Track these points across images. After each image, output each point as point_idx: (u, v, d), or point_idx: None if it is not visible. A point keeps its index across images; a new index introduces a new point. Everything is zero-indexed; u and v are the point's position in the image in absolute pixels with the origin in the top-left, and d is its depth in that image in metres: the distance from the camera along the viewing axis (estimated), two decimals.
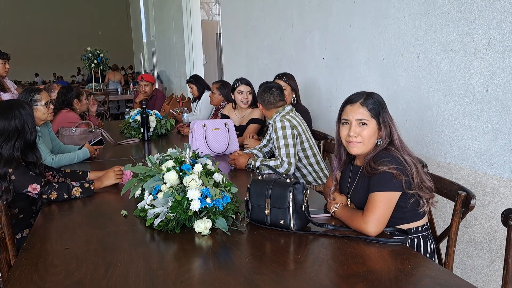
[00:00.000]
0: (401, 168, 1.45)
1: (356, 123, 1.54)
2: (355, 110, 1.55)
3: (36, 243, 1.44)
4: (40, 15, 18.33)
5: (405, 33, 2.33)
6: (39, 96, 2.54)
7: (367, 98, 1.55)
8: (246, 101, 3.23)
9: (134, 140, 3.44)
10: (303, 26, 3.49)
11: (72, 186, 1.90)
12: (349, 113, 1.56)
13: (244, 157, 2.40)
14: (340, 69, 3.03)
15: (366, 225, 1.41)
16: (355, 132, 1.54)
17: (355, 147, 1.55)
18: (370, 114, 1.54)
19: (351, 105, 1.56)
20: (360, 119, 1.54)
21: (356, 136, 1.53)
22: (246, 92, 3.24)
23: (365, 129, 1.54)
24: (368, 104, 1.54)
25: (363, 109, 1.54)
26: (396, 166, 1.45)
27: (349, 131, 1.55)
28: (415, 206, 1.52)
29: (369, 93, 1.57)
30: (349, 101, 1.58)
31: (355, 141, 1.54)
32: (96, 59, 9.07)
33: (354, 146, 1.55)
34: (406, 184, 1.45)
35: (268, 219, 1.50)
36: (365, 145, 1.55)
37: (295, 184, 1.49)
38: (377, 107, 1.54)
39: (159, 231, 1.51)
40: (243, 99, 3.23)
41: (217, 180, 1.66)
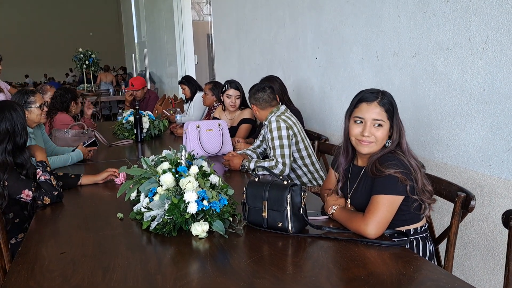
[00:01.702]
0: (407, 173, 1.43)
1: (372, 123, 1.50)
2: (372, 109, 1.49)
3: (31, 247, 1.41)
4: (30, 15, 18.11)
5: (400, 32, 2.32)
6: (34, 98, 2.50)
7: (383, 98, 1.51)
8: (233, 105, 3.25)
9: (127, 141, 3.40)
10: (295, 26, 3.48)
11: (49, 180, 1.84)
12: (365, 112, 1.50)
13: (238, 158, 2.38)
14: (333, 69, 3.02)
15: (366, 227, 1.40)
16: (370, 132, 1.49)
17: (367, 146, 1.51)
18: (386, 116, 1.50)
19: (368, 103, 1.50)
20: (377, 120, 1.49)
21: (370, 136, 1.50)
22: (234, 97, 3.24)
23: (380, 130, 1.50)
24: (385, 104, 1.50)
25: (380, 109, 1.49)
26: (402, 170, 1.43)
27: (363, 130, 1.50)
28: (417, 210, 1.51)
29: (383, 92, 1.53)
30: (364, 98, 1.52)
31: (368, 140, 1.50)
32: (88, 60, 8.97)
33: (366, 146, 1.51)
34: (410, 189, 1.43)
35: (265, 221, 1.48)
36: (377, 145, 1.51)
37: (293, 186, 1.47)
38: (392, 108, 1.51)
39: (155, 234, 1.49)
40: (231, 103, 3.24)
41: (213, 182, 1.64)
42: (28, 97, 2.44)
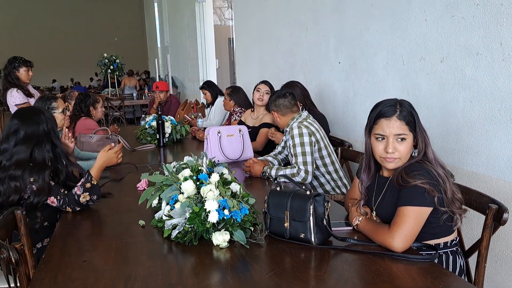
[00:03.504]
0: (435, 183, 1.38)
1: (394, 139, 1.44)
2: (392, 124, 1.43)
3: (54, 254, 1.41)
4: (58, 22, 18.65)
5: (427, 36, 2.26)
6: (56, 104, 2.55)
7: (402, 110, 1.44)
8: (261, 99, 3.25)
9: (150, 146, 3.42)
10: (318, 30, 3.44)
11: (78, 196, 1.82)
12: (385, 128, 1.44)
13: (259, 164, 2.35)
14: (357, 74, 2.96)
15: (392, 240, 1.34)
16: (393, 148, 1.44)
17: (392, 163, 1.46)
18: (408, 128, 1.44)
19: (387, 119, 1.44)
20: (399, 134, 1.44)
21: (394, 152, 1.44)
22: (264, 91, 3.25)
23: (404, 144, 1.44)
24: (405, 116, 1.44)
25: (400, 123, 1.43)
26: (429, 181, 1.37)
27: (386, 147, 1.45)
28: (447, 222, 1.45)
29: (400, 102, 1.47)
30: (382, 114, 1.46)
31: (392, 157, 1.45)
32: (112, 65, 9.15)
33: (392, 162, 1.46)
34: (439, 201, 1.37)
35: (287, 232, 1.45)
36: (402, 160, 1.46)
37: (316, 196, 1.43)
38: (412, 118, 1.45)
39: (176, 243, 1.48)
40: (259, 97, 3.26)
41: (234, 190, 1.62)
42: (50, 103, 2.49)
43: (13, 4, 18.03)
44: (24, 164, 1.77)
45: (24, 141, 1.81)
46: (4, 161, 1.78)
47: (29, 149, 1.80)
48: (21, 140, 1.81)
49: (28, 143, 1.81)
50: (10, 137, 1.82)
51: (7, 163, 1.77)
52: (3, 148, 1.81)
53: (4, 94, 3.84)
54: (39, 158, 1.81)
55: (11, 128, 1.83)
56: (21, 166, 1.77)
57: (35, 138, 1.83)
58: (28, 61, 3.90)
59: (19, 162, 1.77)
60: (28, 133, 1.82)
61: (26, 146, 1.80)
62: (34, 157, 1.80)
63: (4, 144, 1.82)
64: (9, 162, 1.77)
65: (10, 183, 1.74)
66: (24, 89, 3.81)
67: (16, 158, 1.77)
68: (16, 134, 1.82)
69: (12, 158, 1.77)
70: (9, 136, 1.82)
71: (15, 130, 1.83)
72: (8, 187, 1.74)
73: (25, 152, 1.79)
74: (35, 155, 1.81)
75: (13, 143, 1.81)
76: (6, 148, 1.80)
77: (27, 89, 3.87)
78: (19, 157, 1.77)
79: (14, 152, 1.78)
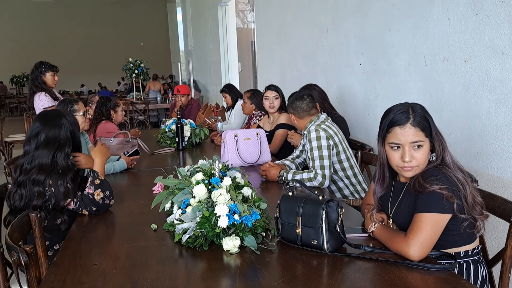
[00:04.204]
0: (453, 189, 1.31)
1: (410, 147, 1.38)
2: (407, 132, 1.37)
3: (66, 257, 1.42)
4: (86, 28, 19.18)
5: (450, 36, 2.18)
6: (77, 107, 2.60)
7: (415, 115, 1.38)
8: (272, 106, 3.23)
9: (169, 150, 3.44)
10: (338, 32, 3.38)
11: (92, 195, 1.84)
12: (400, 136, 1.38)
13: (275, 168, 2.31)
14: (378, 75, 2.89)
15: (408, 248, 1.29)
16: (410, 156, 1.37)
17: (410, 171, 1.40)
18: (424, 134, 1.38)
19: (401, 127, 1.38)
20: (415, 142, 1.37)
21: (411, 160, 1.38)
22: (272, 97, 3.23)
23: (421, 151, 1.38)
24: (419, 122, 1.37)
25: (415, 129, 1.37)
26: (447, 187, 1.31)
27: (402, 156, 1.38)
28: (468, 229, 1.37)
29: (412, 107, 1.41)
30: (395, 122, 1.39)
31: (410, 165, 1.38)
32: (137, 69, 9.31)
33: (410, 171, 1.40)
34: (458, 207, 1.31)
35: (299, 238, 1.41)
36: (420, 167, 1.40)
37: (329, 202, 1.39)
38: (427, 122, 1.39)
39: (187, 248, 1.46)
40: (269, 105, 3.24)
41: (246, 195, 1.59)
42: (72, 106, 2.54)
43: (43, 11, 18.67)
44: (47, 169, 1.79)
45: (46, 145, 1.82)
46: (25, 164, 1.80)
47: (50, 153, 1.81)
48: (42, 143, 1.82)
49: (49, 147, 1.82)
50: (32, 140, 1.84)
51: (28, 166, 1.79)
52: (24, 151, 1.84)
53: (31, 98, 3.95)
54: (61, 163, 1.82)
55: (33, 131, 1.85)
56: (44, 171, 1.78)
57: (57, 142, 1.84)
58: (54, 66, 4.00)
59: (42, 166, 1.79)
60: (50, 137, 1.83)
61: (47, 150, 1.81)
62: (56, 161, 1.82)
63: (25, 147, 1.85)
64: (30, 166, 1.79)
65: (34, 187, 1.76)
66: (51, 92, 3.92)
67: (38, 162, 1.79)
68: (37, 137, 1.83)
69: (33, 161, 1.79)
70: (31, 139, 1.84)
71: (36, 133, 1.84)
72: (30, 190, 1.77)
73: (47, 157, 1.80)
74: (57, 160, 1.82)
75: (34, 146, 1.82)
76: (28, 151, 1.82)
77: (54, 92, 3.97)
78: (41, 161, 1.79)
79: (36, 155, 1.80)
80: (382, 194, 1.52)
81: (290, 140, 2.82)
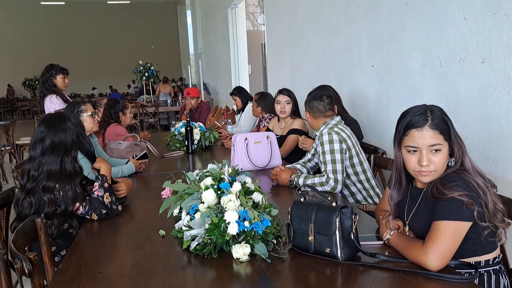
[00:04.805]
0: (474, 196, 1.25)
1: (428, 150, 1.32)
2: (425, 135, 1.32)
3: (72, 264, 1.39)
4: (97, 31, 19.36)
5: (467, 36, 2.11)
6: (85, 107, 2.58)
7: (434, 117, 1.32)
8: (283, 111, 3.16)
9: (178, 153, 3.41)
10: (350, 33, 3.32)
11: (101, 197, 1.82)
12: (418, 140, 1.32)
13: (286, 172, 2.26)
14: (391, 77, 2.83)
15: (426, 258, 1.23)
16: (428, 161, 1.32)
17: (428, 176, 1.34)
18: (443, 137, 1.32)
19: (418, 129, 1.32)
20: (433, 145, 1.32)
21: (429, 164, 1.32)
22: (284, 102, 3.16)
23: (439, 154, 1.32)
24: (438, 124, 1.32)
25: (434, 132, 1.31)
26: (467, 193, 1.25)
27: (419, 159, 1.33)
28: (489, 238, 1.31)
29: (431, 109, 1.35)
30: (412, 124, 1.34)
31: (427, 170, 1.33)
32: (147, 72, 9.33)
33: (427, 176, 1.34)
34: (479, 215, 1.25)
35: (312, 246, 1.36)
36: (438, 172, 1.34)
37: (342, 208, 1.33)
38: (446, 125, 1.33)
39: (195, 255, 1.42)
40: (280, 109, 3.18)
41: (256, 201, 1.54)
42: (79, 106, 2.53)
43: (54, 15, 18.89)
44: (56, 175, 1.76)
45: (52, 151, 1.79)
46: (32, 171, 1.77)
47: (58, 159, 1.78)
48: (48, 149, 1.79)
49: (56, 153, 1.79)
50: (37, 145, 1.81)
51: (35, 173, 1.76)
52: (30, 156, 1.82)
53: (41, 100, 3.94)
54: (69, 168, 1.80)
55: (38, 136, 1.82)
56: (54, 178, 1.76)
57: (63, 147, 1.81)
58: (64, 68, 4.00)
59: (51, 173, 1.76)
60: (55, 142, 1.81)
61: (54, 156, 1.78)
62: (64, 167, 1.79)
63: (31, 152, 1.82)
64: (38, 172, 1.76)
65: (44, 195, 1.74)
66: (62, 95, 3.92)
67: (46, 169, 1.76)
68: (42, 142, 1.80)
69: (41, 168, 1.76)
70: (36, 144, 1.81)
71: (41, 138, 1.81)
72: (40, 197, 1.74)
73: (55, 163, 1.77)
74: (65, 165, 1.80)
75: (40, 151, 1.79)
76: (34, 156, 1.80)
77: (64, 95, 3.97)
78: (50, 168, 1.76)
79: (44, 162, 1.77)
80: (398, 200, 1.46)
81: (302, 146, 2.77)
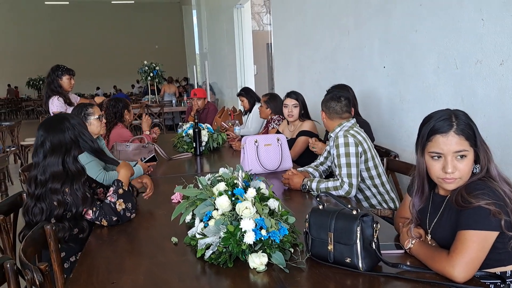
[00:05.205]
0: (501, 204, 1.20)
1: (453, 157, 1.28)
2: (450, 141, 1.27)
3: (83, 273, 1.35)
4: (101, 31, 19.36)
5: (484, 37, 2.06)
6: (92, 110, 2.54)
7: (459, 122, 1.28)
8: (291, 115, 3.12)
9: (186, 155, 3.36)
10: (361, 33, 3.27)
11: (114, 203, 1.79)
12: (443, 145, 1.28)
13: (298, 176, 2.21)
14: (403, 79, 2.77)
15: (452, 269, 1.18)
16: (453, 167, 1.27)
17: (452, 183, 1.29)
18: (468, 143, 1.27)
19: (443, 135, 1.28)
20: (458, 151, 1.27)
21: (454, 171, 1.27)
22: (291, 106, 3.11)
23: (464, 161, 1.27)
24: (463, 130, 1.27)
25: (459, 138, 1.27)
26: (494, 201, 1.20)
27: (444, 166, 1.28)
28: None
29: (456, 114, 1.30)
30: (437, 129, 1.29)
31: (452, 177, 1.28)
32: (152, 72, 9.30)
33: (452, 183, 1.29)
34: (506, 224, 1.20)
35: (331, 255, 1.31)
36: (463, 180, 1.29)
37: (363, 217, 1.29)
38: (472, 131, 1.28)
39: (210, 264, 1.37)
40: (288, 113, 3.13)
41: (272, 207, 1.50)
42: (86, 109, 2.49)
43: (58, 15, 18.90)
44: (60, 176, 1.73)
45: (52, 152, 1.75)
46: (39, 176, 1.74)
47: (59, 159, 1.75)
48: (49, 151, 1.76)
49: (56, 154, 1.75)
50: (38, 150, 1.77)
51: (42, 177, 1.73)
52: (34, 162, 1.78)
53: (47, 102, 3.91)
54: (72, 167, 1.77)
55: (38, 141, 1.79)
56: (59, 178, 1.73)
57: (63, 147, 1.77)
58: (71, 69, 3.95)
59: (55, 174, 1.73)
60: (55, 143, 1.77)
61: (55, 157, 1.75)
62: (67, 166, 1.76)
63: (34, 158, 1.78)
64: (44, 176, 1.73)
65: (52, 197, 1.71)
66: (65, 97, 3.86)
67: (50, 171, 1.73)
68: (43, 146, 1.77)
69: (46, 171, 1.73)
70: (37, 149, 1.78)
71: (41, 142, 1.78)
72: (50, 202, 1.71)
73: (57, 164, 1.74)
74: (68, 165, 1.76)
75: (42, 156, 1.76)
76: (37, 162, 1.76)
77: (68, 97, 3.91)
78: (53, 170, 1.73)
79: (46, 165, 1.74)
80: (421, 207, 1.41)
81: (312, 149, 2.71)
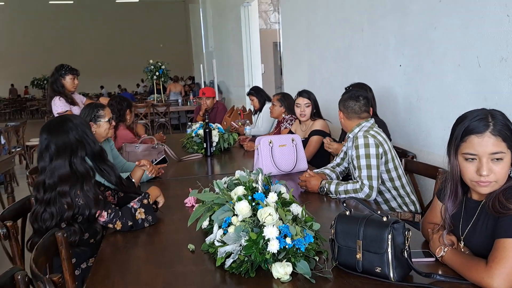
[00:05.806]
0: None
1: (489, 159, 1.20)
2: (486, 142, 1.20)
3: (97, 284, 1.29)
4: (105, 30, 19.36)
5: (510, 34, 1.97)
6: (103, 112, 2.47)
7: (496, 123, 1.20)
8: (303, 114, 3.07)
9: (197, 156, 3.29)
10: (375, 31, 3.19)
11: (134, 209, 1.75)
12: (478, 147, 1.21)
13: (316, 178, 2.13)
14: (421, 77, 2.69)
15: (491, 280, 1.11)
16: (488, 170, 1.20)
17: (487, 187, 1.22)
18: (506, 145, 1.20)
19: (479, 135, 1.21)
20: (495, 153, 1.20)
21: (489, 174, 1.20)
22: (304, 105, 3.06)
23: (501, 164, 1.20)
24: (500, 131, 1.20)
25: (495, 139, 1.19)
26: None
27: (479, 169, 1.21)
28: None
29: (492, 114, 1.23)
30: (472, 130, 1.22)
31: (487, 180, 1.21)
32: (158, 71, 9.25)
33: (487, 186, 1.22)
34: None
35: (360, 265, 1.24)
36: (499, 183, 1.22)
37: (394, 223, 1.21)
38: (509, 132, 1.20)
39: (231, 274, 1.30)
40: (300, 113, 3.08)
41: (295, 213, 1.43)
42: (98, 111, 2.41)
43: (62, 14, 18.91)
44: (68, 178, 1.68)
45: (58, 154, 1.70)
46: (47, 180, 1.68)
47: (66, 161, 1.69)
48: (55, 154, 1.70)
49: (63, 155, 1.70)
50: (44, 154, 1.71)
51: (50, 181, 1.68)
52: (40, 167, 1.72)
53: (49, 103, 3.83)
54: (80, 168, 1.71)
55: (42, 144, 1.73)
56: (67, 181, 1.67)
57: (68, 148, 1.71)
58: (75, 69, 3.86)
59: (63, 177, 1.67)
60: (60, 145, 1.71)
61: (62, 159, 1.69)
62: (75, 168, 1.70)
63: (40, 163, 1.72)
64: (52, 180, 1.67)
65: (62, 200, 1.65)
66: (67, 97, 3.75)
67: (58, 174, 1.67)
68: (48, 150, 1.71)
69: (54, 175, 1.67)
70: (42, 153, 1.72)
71: (46, 146, 1.72)
72: (60, 206, 1.65)
73: (64, 166, 1.68)
74: (75, 166, 1.71)
75: (48, 159, 1.70)
76: (44, 166, 1.70)
77: (71, 97, 3.81)
78: (61, 172, 1.67)
79: (53, 168, 1.68)
80: (454, 211, 1.34)
81: (328, 149, 2.64)
